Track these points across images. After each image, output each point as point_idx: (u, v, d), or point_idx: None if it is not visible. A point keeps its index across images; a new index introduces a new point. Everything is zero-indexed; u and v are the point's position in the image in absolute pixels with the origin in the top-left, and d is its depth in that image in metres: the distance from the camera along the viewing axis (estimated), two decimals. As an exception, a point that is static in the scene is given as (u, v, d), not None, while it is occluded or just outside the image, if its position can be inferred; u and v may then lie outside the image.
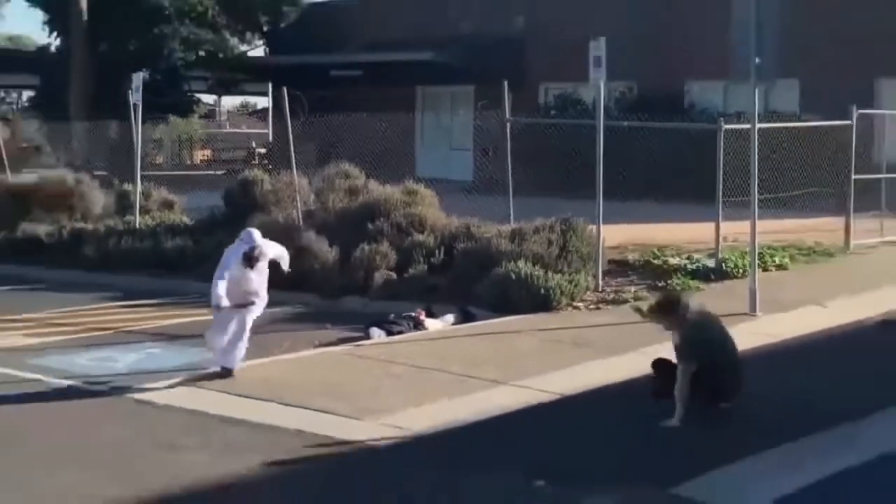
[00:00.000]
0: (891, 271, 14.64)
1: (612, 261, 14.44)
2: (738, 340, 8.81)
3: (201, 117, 42.01)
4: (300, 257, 14.19)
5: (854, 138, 16.29)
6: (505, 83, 15.89)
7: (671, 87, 26.78)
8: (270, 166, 23.90)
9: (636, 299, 12.69)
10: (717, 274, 13.75)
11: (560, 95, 28.35)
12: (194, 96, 40.56)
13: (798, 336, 11.22)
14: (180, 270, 15.64)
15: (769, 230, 14.77)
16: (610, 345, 9.78)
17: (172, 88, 35.07)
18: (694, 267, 14.06)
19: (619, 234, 15.25)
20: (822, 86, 22.83)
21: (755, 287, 12.07)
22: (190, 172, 32.09)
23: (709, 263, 14.08)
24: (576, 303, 12.80)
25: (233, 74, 38.52)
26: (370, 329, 11.90)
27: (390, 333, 11.86)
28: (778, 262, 14.63)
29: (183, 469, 7.42)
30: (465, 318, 12.53)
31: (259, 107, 58.14)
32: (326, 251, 14.72)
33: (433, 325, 12.27)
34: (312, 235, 15.03)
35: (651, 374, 8.61)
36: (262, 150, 38.53)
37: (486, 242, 13.96)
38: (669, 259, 14.55)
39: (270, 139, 32.75)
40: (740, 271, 13.58)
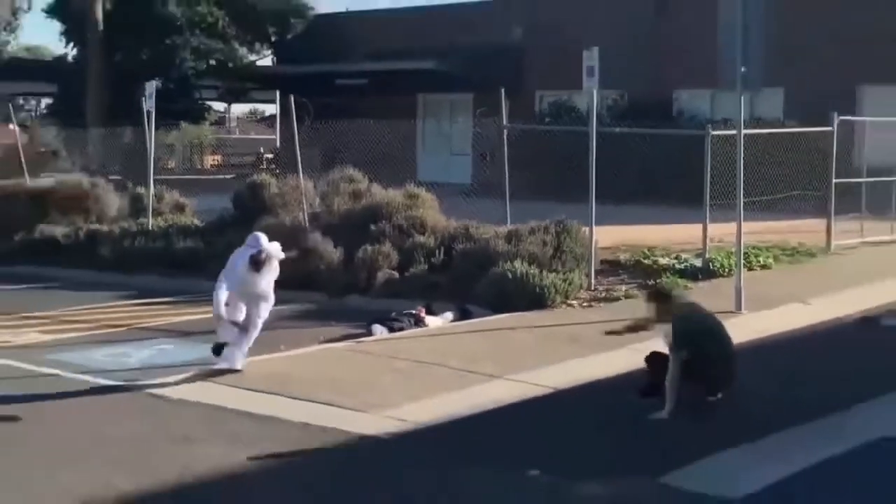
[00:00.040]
0: (870, 271, 14.69)
1: (605, 261, 14.48)
2: (725, 337, 8.82)
3: (212, 124, 41.97)
4: (306, 258, 14.27)
5: (835, 144, 16.30)
6: (502, 91, 15.93)
7: (661, 95, 26.80)
8: (278, 170, 23.89)
9: (627, 297, 12.75)
10: (705, 273, 13.79)
11: (554, 103, 28.35)
12: (205, 104, 40.50)
13: (782, 332, 11.26)
14: (191, 270, 15.65)
15: (754, 231, 14.80)
16: (602, 341, 9.79)
17: (184, 96, 35.03)
18: (682, 266, 14.10)
19: (612, 236, 15.26)
20: (806, 93, 22.86)
21: (741, 286, 12.11)
22: (201, 176, 32.08)
23: (696, 263, 14.12)
24: (570, 301, 12.84)
25: (242, 83, 38.52)
26: (373, 326, 11.92)
27: (392, 330, 11.89)
28: (762, 262, 14.68)
29: (195, 460, 7.45)
30: (464, 316, 12.56)
31: (267, 114, 58.02)
32: (331, 252, 14.76)
33: (433, 322, 12.30)
34: (318, 237, 15.07)
35: (644, 369, 8.61)
36: (270, 155, 38.50)
37: (484, 243, 14.00)
38: (659, 259, 14.60)
39: (278, 145, 32.66)
40: (726, 271, 13.61)
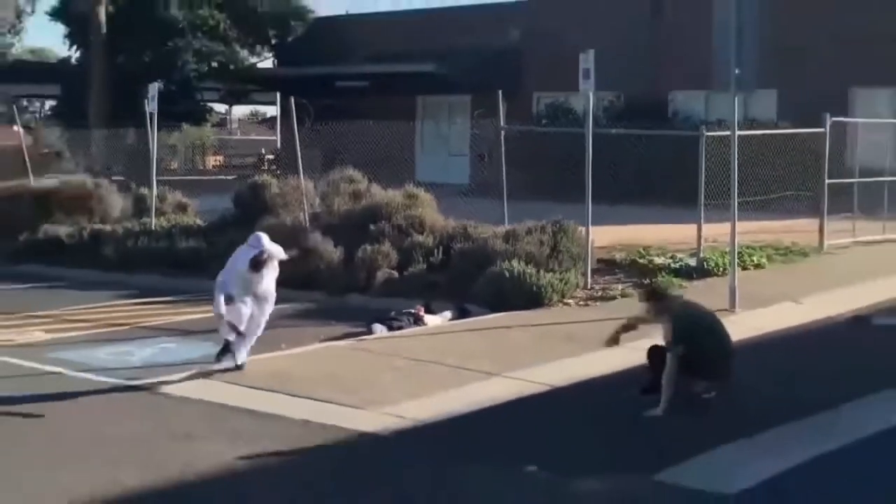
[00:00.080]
0: (862, 270, 14.65)
1: (601, 260, 14.44)
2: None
3: (213, 125, 41.86)
4: (307, 257, 14.22)
5: (828, 145, 16.27)
6: (500, 93, 15.87)
7: (656, 97, 26.74)
8: (278, 171, 23.85)
9: (623, 296, 12.71)
10: (699, 272, 13.76)
11: (551, 104, 28.26)
12: (207, 105, 40.46)
13: (776, 330, 11.23)
14: (194, 269, 15.59)
15: (748, 231, 14.76)
16: (598, 339, 9.73)
17: (186, 98, 34.99)
18: (677, 266, 14.07)
19: (607, 235, 15.23)
20: (799, 95, 22.80)
21: (735, 284, 12.08)
22: (202, 177, 31.93)
23: (691, 262, 14.09)
24: (566, 299, 12.81)
25: (243, 85, 38.48)
26: (373, 324, 11.90)
27: (391, 329, 11.86)
28: (756, 262, 14.64)
29: (197, 457, 7.42)
30: (462, 314, 12.53)
31: (268, 115, 57.93)
32: (332, 251, 14.72)
33: (432, 321, 12.27)
34: (318, 237, 15.03)
35: (645, 365, 8.57)
36: (271, 156, 38.41)
37: (482, 243, 13.96)
38: (654, 258, 14.56)
39: (278, 146, 32.62)
40: (721, 270, 13.57)
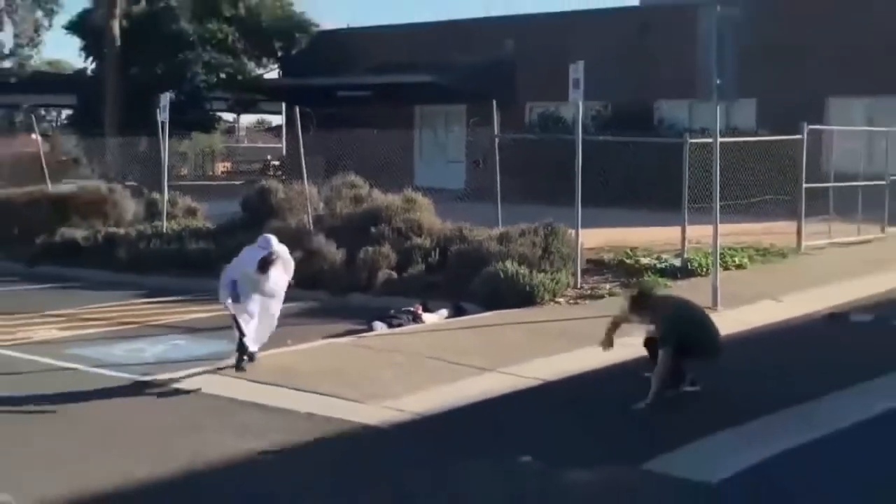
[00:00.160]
0: (838, 270, 14.68)
1: (590, 261, 14.45)
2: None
3: (222, 133, 41.98)
4: (311, 259, 14.23)
5: (805, 151, 16.29)
6: (494, 103, 15.90)
7: (643, 106, 26.76)
8: (284, 177, 23.89)
9: (611, 295, 12.70)
10: (683, 272, 13.77)
11: (542, 114, 28.29)
12: (215, 114, 40.42)
13: (756, 327, 11.25)
14: (203, 270, 15.53)
15: (730, 233, 14.77)
16: (588, 335, 9.77)
17: (196, 107, 34.92)
18: (662, 266, 14.08)
19: (596, 237, 15.25)
20: (777, 104, 22.83)
21: (717, 284, 12.10)
22: (211, 182, 32.09)
23: (676, 263, 14.11)
24: (557, 298, 12.82)
25: (250, 95, 38.43)
26: (373, 322, 11.92)
27: (391, 326, 11.87)
28: (737, 262, 14.66)
29: (207, 448, 7.43)
30: (458, 313, 12.53)
31: (274, 124, 57.89)
32: (334, 253, 14.73)
33: (429, 319, 12.28)
34: (322, 239, 15.04)
35: (646, 357, 8.55)
36: (277, 163, 38.57)
37: (477, 244, 13.97)
38: (641, 259, 14.57)
39: (284, 153, 32.70)
40: (704, 270, 13.58)
